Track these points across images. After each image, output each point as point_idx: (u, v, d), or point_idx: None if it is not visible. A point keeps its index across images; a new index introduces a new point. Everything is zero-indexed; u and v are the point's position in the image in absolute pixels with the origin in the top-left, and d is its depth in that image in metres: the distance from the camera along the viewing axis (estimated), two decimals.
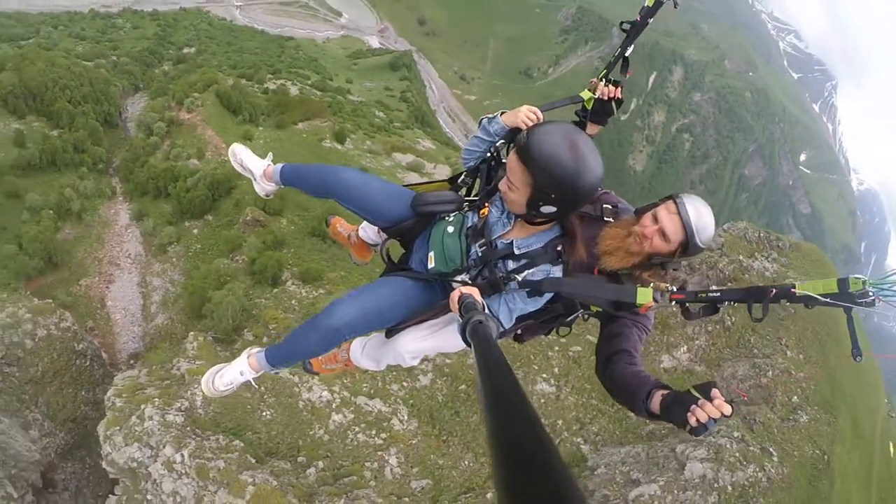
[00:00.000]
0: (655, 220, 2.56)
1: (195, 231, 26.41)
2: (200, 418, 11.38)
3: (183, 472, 9.92)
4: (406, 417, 12.30)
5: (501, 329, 2.70)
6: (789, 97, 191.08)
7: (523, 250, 2.63)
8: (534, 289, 2.59)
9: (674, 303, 2.37)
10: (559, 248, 2.60)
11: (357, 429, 11.85)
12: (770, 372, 11.61)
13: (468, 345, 1.76)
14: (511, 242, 2.66)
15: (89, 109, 37.05)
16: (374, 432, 11.84)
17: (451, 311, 2.43)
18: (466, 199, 3.03)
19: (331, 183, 3.05)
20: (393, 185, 3.17)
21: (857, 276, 1.97)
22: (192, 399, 11.65)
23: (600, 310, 2.64)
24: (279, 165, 3.35)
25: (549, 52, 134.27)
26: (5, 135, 31.46)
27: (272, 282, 20.47)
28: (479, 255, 2.72)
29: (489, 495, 10.63)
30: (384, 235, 3.41)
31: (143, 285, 24.65)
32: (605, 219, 2.72)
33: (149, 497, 9.89)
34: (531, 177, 2.35)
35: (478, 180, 3.06)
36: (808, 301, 2.10)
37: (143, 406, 11.25)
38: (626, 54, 3.15)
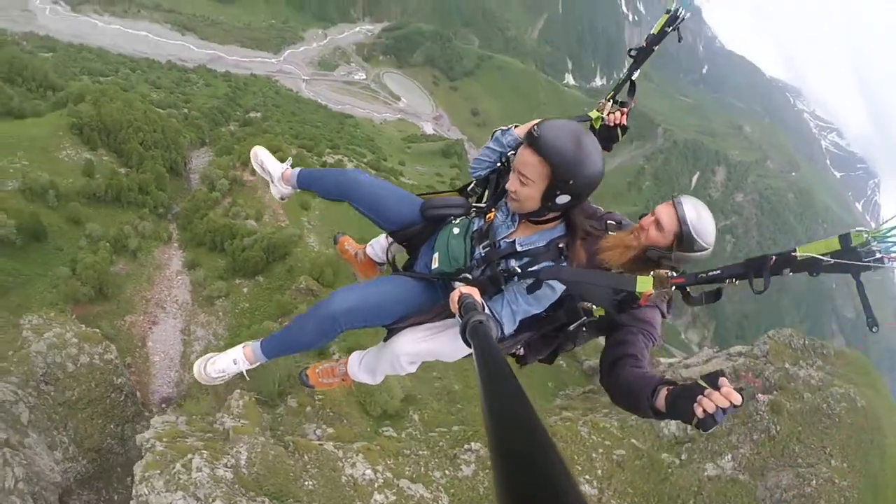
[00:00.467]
0: (653, 214, 2.62)
1: (245, 289, 26.23)
2: (244, 477, 10.91)
3: None
4: None
5: (502, 332, 2.64)
6: (832, 196, 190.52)
7: (525, 248, 2.62)
8: (533, 280, 2.52)
9: (674, 287, 2.29)
10: (561, 246, 2.59)
11: None
12: (814, 481, 11.39)
13: (468, 345, 1.73)
14: (514, 241, 2.65)
15: (158, 155, 37.97)
16: None
17: (451, 312, 2.35)
18: (474, 205, 3.00)
19: (344, 185, 3.12)
20: (404, 191, 3.22)
21: (859, 228, 1.90)
22: (237, 457, 11.28)
23: (602, 314, 2.61)
24: (297, 169, 3.43)
25: None
26: (76, 162, 32.21)
27: (320, 352, 19.89)
28: (483, 254, 2.72)
29: None
30: (392, 253, 3.50)
31: (186, 333, 24.21)
32: (610, 233, 2.75)
33: None
34: (548, 166, 2.37)
35: (486, 190, 3.09)
36: (812, 267, 2.00)
37: (189, 456, 10.76)
38: (633, 78, 3.25)
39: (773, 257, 2.07)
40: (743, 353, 16.08)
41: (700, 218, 2.48)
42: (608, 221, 2.82)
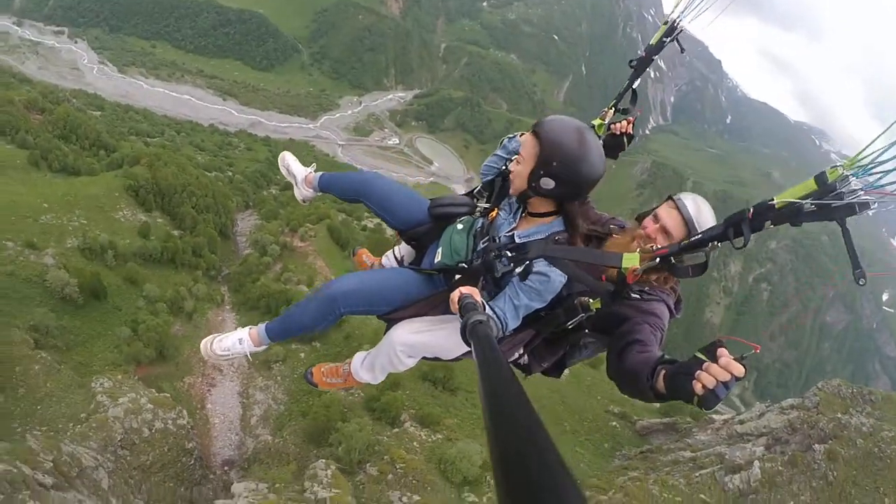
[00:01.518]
0: (656, 219, 2.65)
1: (301, 355, 25.67)
2: None
3: None
4: None
5: (505, 329, 2.57)
6: (865, 235, 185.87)
7: (523, 240, 2.63)
8: (525, 265, 2.51)
9: (658, 259, 2.25)
10: (558, 239, 2.59)
11: None
12: None
13: (468, 344, 1.74)
14: (513, 235, 2.68)
15: (209, 218, 38.81)
16: None
17: (447, 305, 2.41)
18: (479, 205, 3.06)
19: (359, 186, 3.23)
20: (415, 192, 3.32)
21: (835, 164, 1.80)
22: None
23: (599, 307, 2.56)
24: (319, 173, 3.57)
25: (626, 207, 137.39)
26: (132, 223, 32.87)
27: (391, 421, 20.26)
28: (483, 248, 2.74)
29: None
30: (401, 254, 3.63)
31: (245, 396, 23.66)
32: (613, 236, 2.81)
33: None
34: (538, 146, 2.44)
35: (492, 192, 3.10)
36: (794, 216, 1.91)
37: None
38: (634, 87, 3.37)
39: (751, 210, 1.99)
40: (795, 406, 16.75)
41: (700, 211, 2.54)
42: (611, 226, 2.88)
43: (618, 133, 3.22)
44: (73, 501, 10.73)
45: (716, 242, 2.13)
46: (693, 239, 2.19)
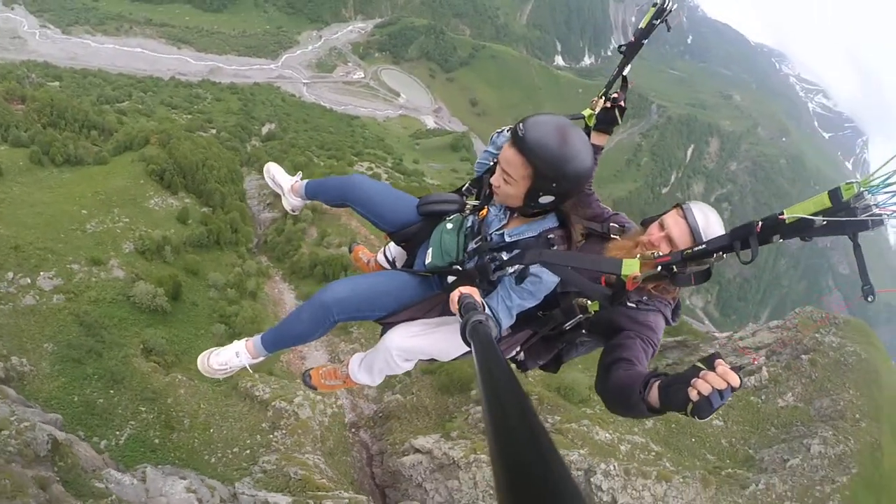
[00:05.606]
0: (662, 227, 2.61)
1: None
2: None
3: None
4: None
5: (499, 332, 2.61)
6: (822, 158, 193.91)
7: (514, 238, 2.58)
8: (520, 269, 2.50)
9: (659, 268, 2.18)
10: (551, 237, 2.53)
11: None
12: (841, 403, 17.26)
13: (468, 344, 1.73)
14: (503, 233, 2.63)
15: (232, 190, 38.71)
16: None
17: (443, 307, 2.58)
18: (469, 203, 3.02)
19: (346, 190, 3.20)
20: (402, 192, 3.30)
21: (850, 181, 1.70)
22: None
23: (597, 309, 2.54)
24: (305, 181, 3.59)
25: None
26: (165, 210, 32.04)
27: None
28: (474, 248, 2.72)
29: None
30: (392, 255, 3.66)
31: (336, 362, 24.69)
32: (612, 236, 2.84)
33: None
34: (531, 167, 2.31)
35: (481, 189, 3.05)
36: (803, 231, 1.77)
37: None
38: (625, 73, 3.22)
39: (759, 223, 1.90)
40: (779, 326, 22.46)
41: (708, 222, 2.49)
42: (612, 224, 2.89)
43: (611, 107, 3.09)
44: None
45: (721, 253, 2.06)
46: (696, 249, 2.11)
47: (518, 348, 2.99)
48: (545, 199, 2.40)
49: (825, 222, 1.71)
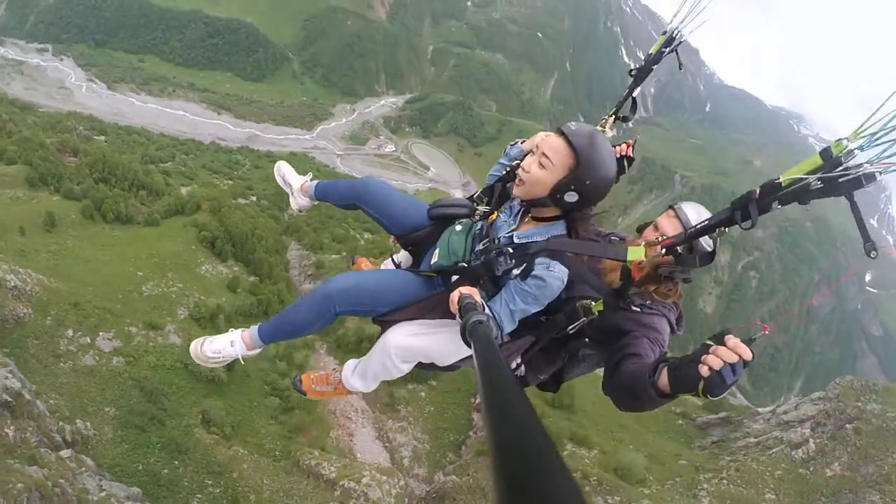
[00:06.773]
0: (657, 228, 2.69)
1: (422, 394, 26.87)
2: None
3: None
4: None
5: (501, 333, 2.58)
6: (846, 217, 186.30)
7: (523, 241, 2.56)
8: (525, 264, 2.48)
9: (664, 251, 2.20)
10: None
11: None
12: (886, 467, 17.48)
13: (468, 345, 1.72)
14: (512, 236, 2.62)
15: (278, 260, 39.68)
16: None
17: (444, 309, 2.53)
18: (479, 208, 3.04)
19: (357, 191, 3.21)
20: (413, 197, 3.32)
21: (839, 137, 1.74)
22: None
23: (601, 309, 2.48)
24: (315, 182, 3.63)
25: (619, 202, 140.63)
26: (216, 277, 32.49)
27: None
28: (481, 249, 2.70)
29: None
30: (398, 259, 3.62)
31: (384, 440, 24.64)
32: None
33: None
34: (574, 158, 2.34)
35: (492, 197, 3.10)
36: (801, 195, 1.85)
37: None
38: (634, 95, 3.30)
39: (758, 190, 1.97)
40: (821, 398, 22.39)
41: (701, 217, 2.50)
42: (611, 238, 2.96)
43: (618, 157, 3.10)
44: None
45: (724, 228, 2.11)
46: (699, 226, 2.16)
47: (518, 359, 2.94)
48: (570, 198, 2.42)
49: (820, 183, 1.78)
